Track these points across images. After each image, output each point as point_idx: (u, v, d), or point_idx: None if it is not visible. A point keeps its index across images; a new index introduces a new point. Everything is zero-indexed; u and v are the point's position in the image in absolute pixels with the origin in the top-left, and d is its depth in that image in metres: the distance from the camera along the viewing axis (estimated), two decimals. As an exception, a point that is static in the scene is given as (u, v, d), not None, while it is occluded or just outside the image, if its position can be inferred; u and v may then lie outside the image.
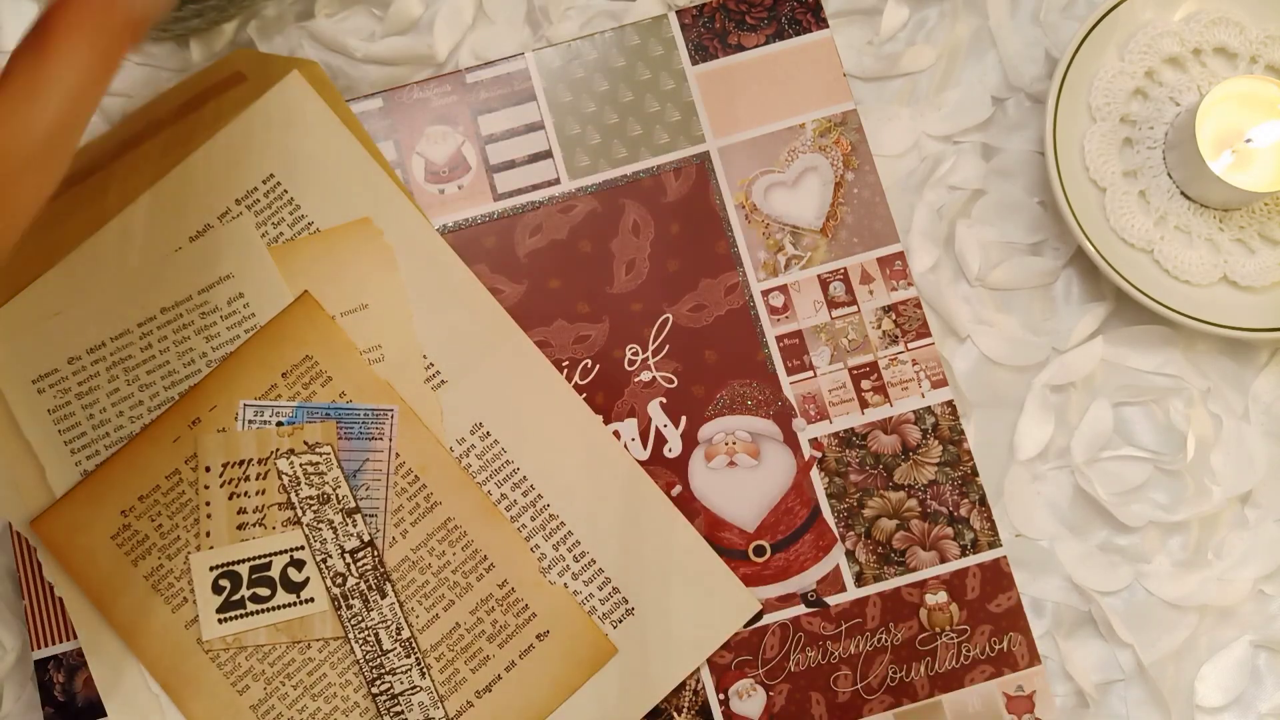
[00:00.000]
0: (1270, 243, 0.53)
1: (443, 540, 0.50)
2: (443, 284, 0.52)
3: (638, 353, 0.53)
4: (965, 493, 0.51)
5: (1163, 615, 0.52)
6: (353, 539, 0.49)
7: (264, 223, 0.52)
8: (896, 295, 0.53)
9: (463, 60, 0.55)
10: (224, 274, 0.52)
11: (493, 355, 0.51)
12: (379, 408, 0.50)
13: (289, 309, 0.51)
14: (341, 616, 0.49)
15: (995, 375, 0.53)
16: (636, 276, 0.53)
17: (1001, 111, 0.55)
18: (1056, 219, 0.54)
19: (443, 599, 0.50)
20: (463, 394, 0.51)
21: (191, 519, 0.50)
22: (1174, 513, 0.52)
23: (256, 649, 0.49)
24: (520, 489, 0.51)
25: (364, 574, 0.49)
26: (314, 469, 0.50)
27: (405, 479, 0.50)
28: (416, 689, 0.49)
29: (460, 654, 0.49)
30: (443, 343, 0.51)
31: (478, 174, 0.54)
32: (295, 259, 0.52)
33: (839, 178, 0.53)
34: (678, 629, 0.50)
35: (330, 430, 0.50)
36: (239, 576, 0.49)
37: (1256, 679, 0.52)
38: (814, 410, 0.52)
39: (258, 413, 0.50)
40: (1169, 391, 0.53)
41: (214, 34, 0.55)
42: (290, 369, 0.51)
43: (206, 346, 0.51)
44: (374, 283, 0.52)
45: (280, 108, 0.53)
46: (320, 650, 0.49)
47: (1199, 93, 0.53)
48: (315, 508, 0.49)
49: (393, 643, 0.49)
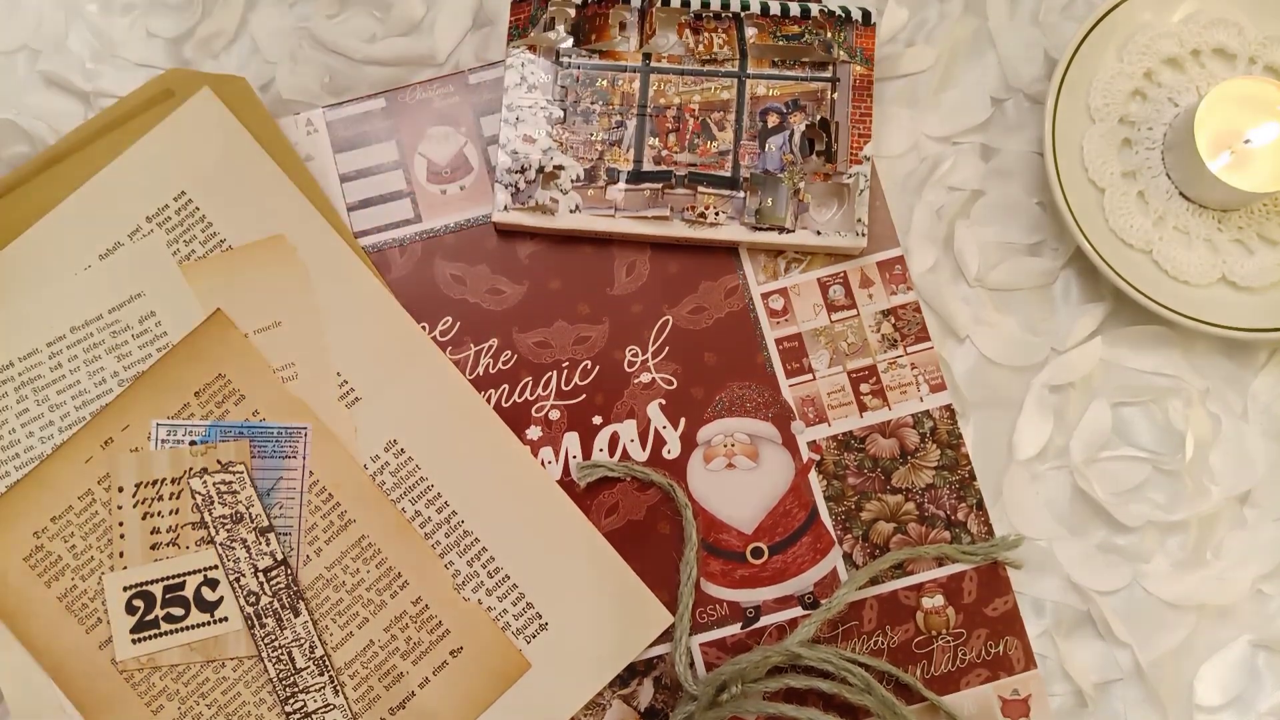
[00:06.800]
0: (1268, 243, 0.53)
1: (356, 558, 0.50)
2: (357, 301, 0.52)
3: (637, 354, 0.53)
4: (963, 497, 0.52)
5: (1161, 615, 0.52)
6: (266, 558, 0.49)
7: (175, 240, 0.52)
8: (896, 299, 0.53)
9: (463, 61, 0.55)
10: (135, 292, 0.51)
11: (408, 372, 0.51)
12: (293, 426, 0.50)
13: (201, 327, 0.51)
14: (255, 635, 0.49)
15: (994, 375, 0.53)
16: (637, 278, 0.53)
17: (1000, 112, 0.55)
18: (1055, 219, 0.54)
19: (356, 616, 0.50)
20: (377, 411, 0.51)
21: (105, 539, 0.50)
22: (1173, 512, 0.52)
23: (170, 669, 0.49)
24: (434, 505, 0.51)
25: (277, 593, 0.49)
26: (227, 488, 0.49)
27: (319, 497, 0.50)
28: (330, 707, 0.49)
29: (374, 671, 0.49)
30: (357, 360, 0.51)
31: (480, 175, 0.54)
32: (207, 276, 0.51)
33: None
34: (591, 643, 0.50)
35: (243, 449, 0.50)
36: (153, 596, 0.49)
37: (1255, 678, 0.52)
38: (813, 413, 0.52)
39: (171, 432, 0.50)
40: (1168, 391, 0.53)
41: (214, 35, 0.55)
42: (203, 387, 0.51)
43: (118, 366, 0.51)
44: (287, 300, 0.51)
45: (191, 125, 0.52)
46: (234, 669, 0.49)
47: (1198, 94, 0.53)
48: (229, 527, 0.49)
49: (306, 661, 0.49)
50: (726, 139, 0.53)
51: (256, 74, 0.55)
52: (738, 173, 0.52)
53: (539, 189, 0.52)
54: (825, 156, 0.52)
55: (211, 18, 0.55)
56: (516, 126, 0.53)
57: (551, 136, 0.53)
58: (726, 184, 0.52)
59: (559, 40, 0.53)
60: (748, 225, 0.52)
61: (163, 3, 0.56)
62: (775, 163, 0.52)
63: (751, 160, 0.52)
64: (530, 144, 0.52)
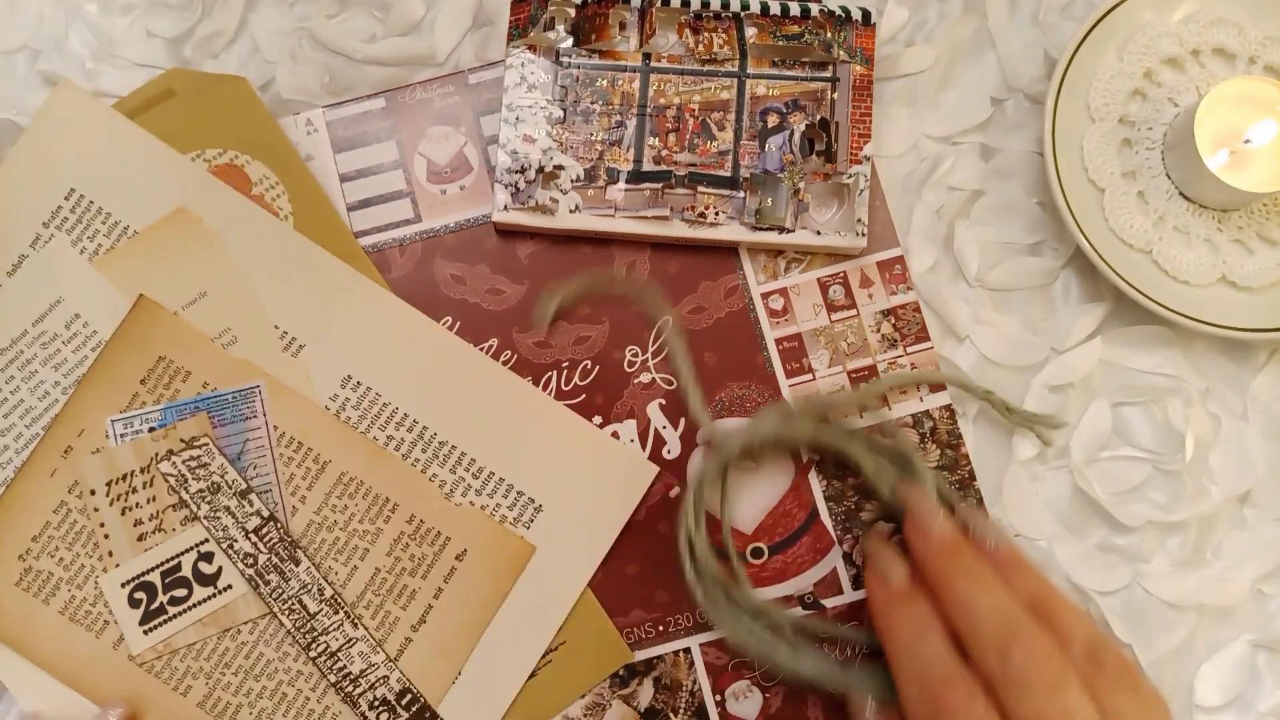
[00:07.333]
0: (1268, 243, 0.53)
1: (341, 495, 0.50)
2: (275, 252, 0.52)
3: (637, 354, 0.53)
4: (963, 496, 0.52)
5: (1161, 615, 0.52)
6: (253, 518, 0.49)
7: (79, 238, 0.52)
8: (896, 299, 0.53)
9: (463, 61, 0.55)
10: (54, 299, 0.51)
11: (342, 307, 0.52)
12: (244, 387, 0.51)
13: (129, 316, 0.51)
14: (261, 594, 0.49)
15: (994, 375, 0.53)
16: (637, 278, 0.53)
17: (1000, 112, 0.55)
18: (1055, 219, 0.54)
19: (356, 550, 0.50)
20: (324, 352, 0.51)
21: (91, 544, 0.50)
22: (1172, 513, 0.52)
23: (189, 648, 0.49)
24: (405, 426, 0.51)
25: (272, 547, 0.49)
26: (196, 462, 0.50)
27: (289, 448, 0.51)
28: (352, 640, 0.49)
29: (387, 596, 0.50)
30: (291, 308, 0.51)
31: (479, 174, 0.54)
32: (121, 266, 0.52)
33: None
34: (588, 509, 0.51)
35: (203, 422, 0.50)
36: (153, 585, 0.49)
37: (1255, 678, 0.52)
38: (813, 412, 0.52)
39: (127, 425, 0.50)
40: (1167, 392, 0.53)
41: (214, 35, 0.55)
42: (147, 374, 0.51)
43: (57, 375, 0.51)
44: (207, 269, 0.51)
45: (60, 121, 0.52)
46: (251, 632, 0.50)
47: (1197, 93, 0.53)
48: (208, 499, 0.49)
49: (318, 604, 0.49)
50: (726, 139, 0.53)
51: (256, 74, 0.55)
52: (738, 173, 0.52)
53: (539, 189, 0.52)
54: (825, 156, 0.52)
55: (211, 18, 0.55)
56: (516, 126, 0.53)
57: (551, 136, 0.53)
58: (726, 184, 0.52)
59: (559, 40, 0.53)
60: (748, 225, 0.52)
61: (163, 3, 0.56)
62: (775, 163, 0.52)
63: (751, 160, 0.52)
64: (530, 144, 0.52)
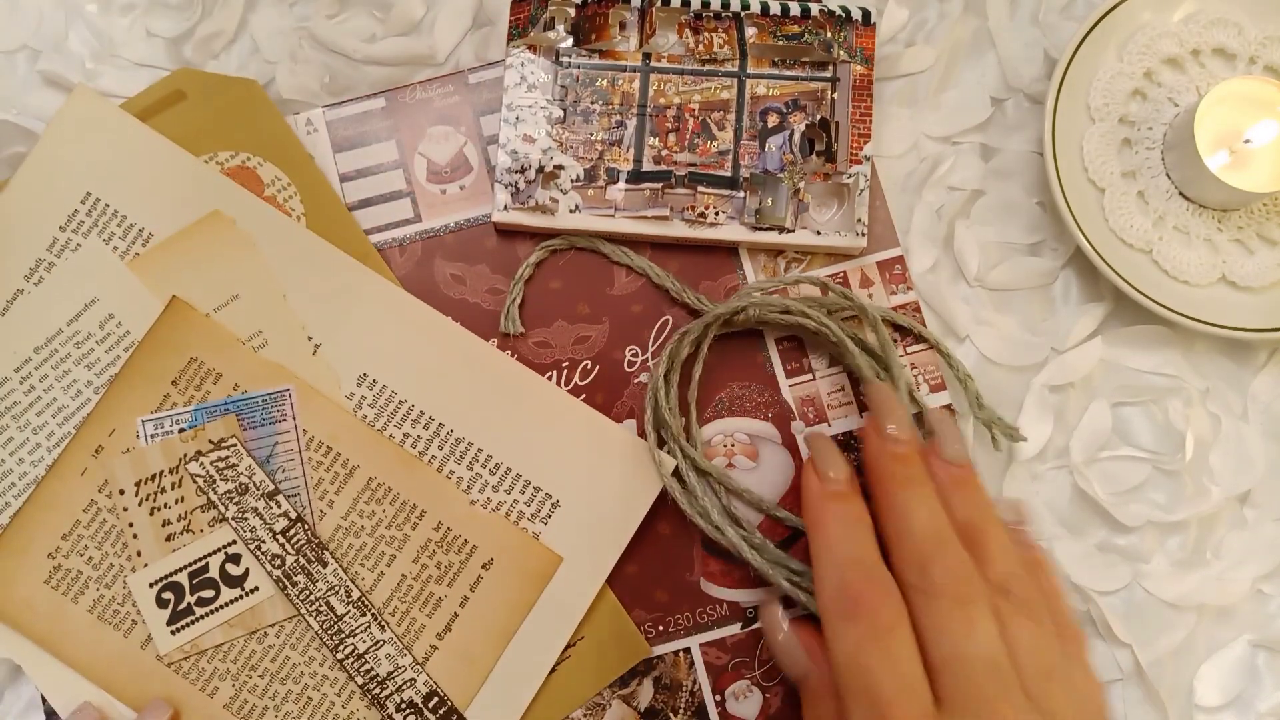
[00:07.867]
0: (1268, 243, 0.53)
1: (370, 500, 0.50)
2: (291, 252, 0.52)
3: (637, 354, 0.53)
4: (963, 495, 0.52)
5: (1161, 615, 0.52)
6: (281, 520, 0.49)
7: (100, 239, 0.52)
8: (896, 299, 0.53)
9: (463, 60, 0.55)
10: (89, 299, 0.51)
11: (355, 304, 0.52)
12: (275, 390, 0.51)
13: (163, 317, 0.51)
14: (289, 595, 0.49)
15: (994, 375, 0.53)
16: (637, 278, 0.53)
17: (1000, 112, 0.55)
18: (1055, 219, 0.54)
19: (384, 556, 0.50)
20: (340, 350, 0.51)
21: (119, 543, 0.50)
22: (1172, 512, 0.52)
23: (216, 649, 0.49)
24: (420, 423, 0.51)
25: (300, 549, 0.49)
26: (225, 464, 0.50)
27: (318, 451, 0.51)
28: (380, 643, 0.49)
29: (413, 603, 0.50)
30: (308, 308, 0.52)
31: (479, 174, 0.54)
32: (155, 267, 0.52)
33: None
34: (604, 504, 0.50)
35: (231, 424, 0.50)
36: (180, 585, 0.49)
37: (1255, 678, 0.52)
38: (812, 413, 0.52)
39: (158, 425, 0.50)
40: (1167, 391, 0.53)
41: (214, 35, 0.55)
42: (179, 375, 0.51)
43: (90, 374, 0.51)
44: (240, 272, 0.52)
45: (76, 126, 0.53)
46: (278, 634, 0.50)
47: (1197, 93, 0.53)
48: (236, 500, 0.49)
49: (345, 606, 0.49)
50: (726, 139, 0.53)
51: (256, 74, 0.55)
52: (738, 173, 0.52)
53: (539, 189, 0.52)
54: (825, 156, 0.52)
55: (211, 18, 0.55)
56: (516, 126, 0.53)
57: (551, 136, 0.53)
58: (726, 184, 0.52)
59: (559, 40, 0.53)
60: (748, 225, 0.52)
61: (163, 3, 0.56)
62: (775, 163, 0.52)
63: (751, 160, 0.52)
64: (530, 144, 0.52)
